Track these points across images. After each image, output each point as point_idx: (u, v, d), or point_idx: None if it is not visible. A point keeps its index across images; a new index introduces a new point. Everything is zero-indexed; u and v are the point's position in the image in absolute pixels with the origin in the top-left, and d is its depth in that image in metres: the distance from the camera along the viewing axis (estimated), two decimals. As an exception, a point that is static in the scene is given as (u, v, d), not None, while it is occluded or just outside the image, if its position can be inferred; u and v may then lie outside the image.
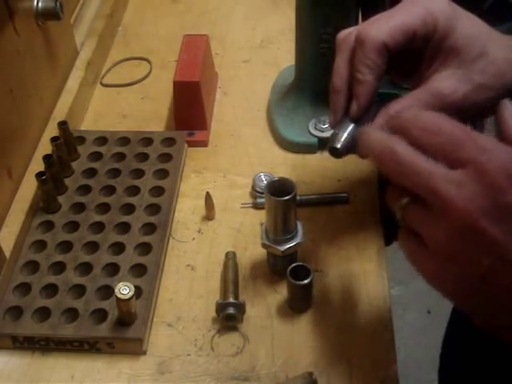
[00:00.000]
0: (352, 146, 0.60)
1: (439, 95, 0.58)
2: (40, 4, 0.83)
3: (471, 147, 0.45)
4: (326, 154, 0.84)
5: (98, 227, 0.73)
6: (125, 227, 0.73)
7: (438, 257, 0.46)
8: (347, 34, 0.60)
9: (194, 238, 0.75)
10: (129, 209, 0.75)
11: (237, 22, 1.07)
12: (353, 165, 0.82)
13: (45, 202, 0.75)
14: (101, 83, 0.97)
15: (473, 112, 0.60)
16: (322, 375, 0.62)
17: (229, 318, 0.65)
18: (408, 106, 0.58)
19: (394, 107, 0.59)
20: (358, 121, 0.60)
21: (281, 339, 0.65)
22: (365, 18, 0.83)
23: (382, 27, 0.57)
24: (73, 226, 0.74)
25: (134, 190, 0.77)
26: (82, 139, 0.83)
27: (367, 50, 0.57)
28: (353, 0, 0.79)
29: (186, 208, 0.78)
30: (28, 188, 0.77)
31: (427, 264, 0.47)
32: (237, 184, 0.81)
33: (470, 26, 0.59)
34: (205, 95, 0.85)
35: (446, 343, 0.88)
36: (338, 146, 0.60)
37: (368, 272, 0.70)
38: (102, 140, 0.84)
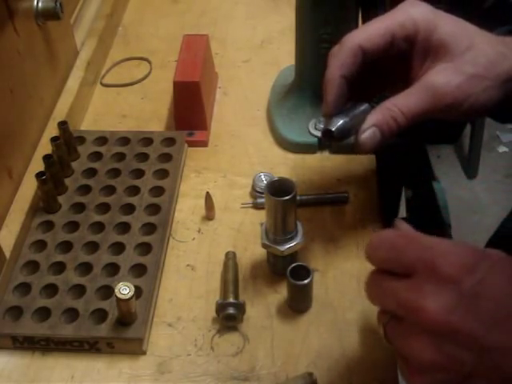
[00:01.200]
0: (345, 135, 0.61)
1: (433, 88, 0.59)
2: (40, 4, 0.83)
3: (414, 249, 0.46)
4: (325, 154, 0.84)
5: (98, 227, 0.73)
6: (125, 227, 0.73)
7: (420, 370, 0.45)
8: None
9: (194, 238, 0.75)
10: (129, 209, 0.75)
11: (237, 22, 1.07)
12: (353, 165, 0.82)
13: (45, 202, 0.75)
14: (101, 83, 0.97)
15: (471, 106, 0.60)
16: (322, 375, 0.61)
17: (229, 318, 0.65)
18: (404, 101, 0.60)
19: (392, 102, 0.60)
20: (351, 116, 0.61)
21: (281, 339, 0.65)
22: (365, 18, 0.83)
23: (361, 32, 0.61)
24: (73, 226, 0.73)
25: (134, 190, 0.77)
26: (82, 139, 0.83)
27: (342, 50, 0.61)
28: (353, 0, 0.79)
29: (186, 208, 0.78)
30: (28, 188, 0.77)
31: (415, 380, 0.46)
32: (237, 184, 0.81)
33: (453, 24, 0.61)
34: (205, 95, 0.85)
35: None
36: (333, 128, 0.60)
37: (368, 272, 0.70)
38: (102, 140, 0.84)
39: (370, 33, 0.61)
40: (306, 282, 0.65)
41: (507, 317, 0.43)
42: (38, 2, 0.83)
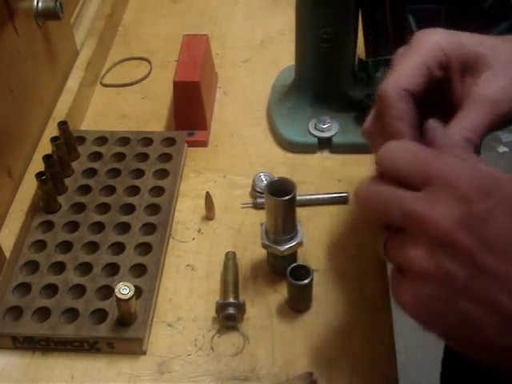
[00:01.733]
0: None
1: (485, 98, 0.57)
2: (40, 4, 0.83)
3: (435, 164, 0.46)
4: (325, 154, 0.84)
5: (98, 227, 0.73)
6: (125, 227, 0.73)
7: (413, 280, 0.45)
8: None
9: (194, 238, 0.75)
10: (129, 209, 0.75)
11: (237, 22, 1.07)
12: (353, 165, 0.82)
13: (45, 202, 0.75)
14: (101, 83, 0.97)
15: None
16: (322, 375, 0.62)
17: (229, 318, 0.65)
18: (468, 120, 0.57)
19: (460, 126, 0.57)
20: None
21: (281, 339, 0.65)
22: (365, 18, 0.83)
23: (395, 78, 0.57)
24: (73, 226, 0.73)
25: (134, 190, 0.77)
26: (82, 139, 0.83)
27: (390, 102, 0.56)
28: (353, 0, 0.79)
29: (186, 208, 0.78)
30: (28, 188, 0.77)
31: (404, 291, 0.46)
32: (237, 184, 0.81)
33: (475, 37, 0.59)
34: (205, 95, 0.85)
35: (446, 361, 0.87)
36: None
37: (368, 272, 0.70)
38: (102, 140, 0.84)
39: (406, 74, 0.56)
40: (306, 282, 0.65)
41: (509, 245, 0.43)
42: (37, 2, 0.83)
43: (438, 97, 0.60)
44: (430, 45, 0.58)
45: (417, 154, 0.47)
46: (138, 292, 0.66)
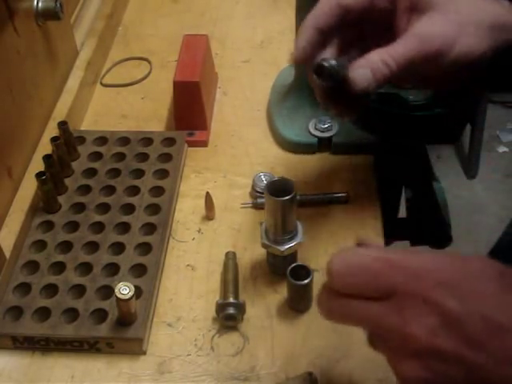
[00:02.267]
0: (335, 73, 0.59)
1: (419, 35, 0.59)
2: (40, 4, 0.83)
3: (391, 272, 0.45)
4: (325, 154, 0.84)
5: (98, 227, 0.73)
6: (125, 227, 0.73)
7: None
8: None
9: (194, 238, 0.75)
10: (129, 209, 0.75)
11: (237, 22, 1.07)
12: (353, 165, 0.82)
13: (45, 202, 0.74)
14: (101, 83, 0.97)
15: (460, 54, 0.59)
16: (322, 375, 0.62)
17: (229, 318, 0.65)
18: (392, 47, 0.59)
19: (381, 49, 0.59)
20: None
21: (281, 339, 0.65)
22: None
23: None
24: (73, 226, 0.73)
25: (134, 190, 0.77)
26: (82, 139, 0.83)
27: (318, 4, 0.61)
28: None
29: (186, 208, 0.78)
30: (28, 188, 0.77)
31: None
32: (237, 184, 0.81)
33: None
34: (205, 95, 0.85)
35: None
36: (325, 63, 0.58)
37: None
38: (102, 140, 0.84)
39: None
40: (305, 281, 0.65)
41: (493, 333, 0.42)
42: (38, 2, 0.83)
43: (380, 25, 0.63)
44: None
45: (367, 268, 0.45)
46: (138, 292, 0.66)
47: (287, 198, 0.63)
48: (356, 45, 0.65)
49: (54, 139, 0.77)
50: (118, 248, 0.71)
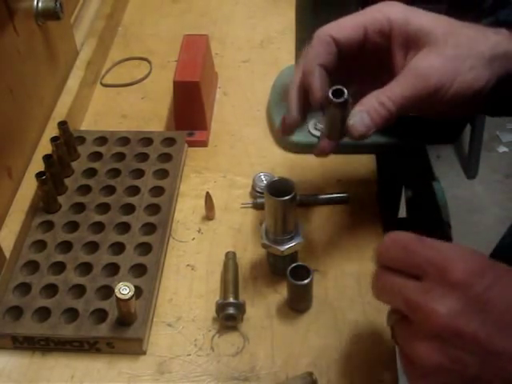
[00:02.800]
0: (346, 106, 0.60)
1: (416, 72, 0.59)
2: (40, 4, 0.83)
3: (426, 252, 0.47)
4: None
5: (98, 227, 0.73)
6: (125, 227, 0.73)
7: (425, 373, 0.45)
8: None
9: (194, 238, 0.75)
10: (129, 209, 0.75)
11: (237, 21, 1.07)
12: (353, 165, 0.82)
13: (45, 202, 0.74)
14: (101, 83, 0.97)
15: (460, 89, 0.59)
16: (322, 375, 0.62)
17: (229, 318, 0.65)
18: (389, 88, 0.59)
19: (378, 90, 0.60)
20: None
21: (281, 339, 0.65)
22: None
23: (332, 24, 0.63)
24: (73, 226, 0.73)
25: (134, 190, 0.77)
26: (81, 139, 0.83)
27: (315, 41, 0.62)
28: (353, 0, 0.79)
29: (186, 208, 0.78)
30: (28, 188, 0.77)
31: (418, 383, 0.47)
32: (237, 184, 0.81)
33: (428, 15, 0.61)
34: (205, 95, 0.84)
35: None
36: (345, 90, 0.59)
37: (368, 272, 0.70)
38: (102, 140, 0.84)
39: (341, 25, 0.62)
40: (305, 282, 0.65)
41: None
42: (37, 2, 0.83)
43: (376, 61, 0.64)
44: (379, 13, 0.62)
45: (406, 244, 0.48)
46: (138, 292, 0.66)
47: (287, 198, 0.63)
48: (352, 83, 0.65)
49: (53, 139, 0.77)
50: (118, 248, 0.71)
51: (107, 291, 0.66)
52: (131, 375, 0.63)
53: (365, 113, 0.59)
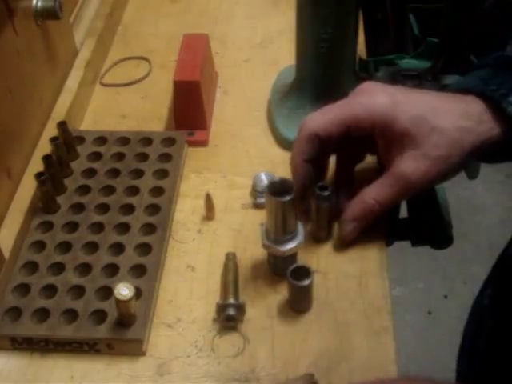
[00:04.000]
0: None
1: (403, 178, 0.65)
2: (39, 4, 0.83)
3: None
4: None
5: (98, 227, 0.73)
6: (125, 227, 0.73)
7: None
8: None
9: (194, 239, 0.75)
10: (129, 209, 0.75)
11: (237, 21, 1.07)
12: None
13: (44, 203, 0.74)
14: (100, 83, 0.97)
15: (444, 178, 0.67)
16: (323, 376, 0.61)
17: (229, 318, 0.65)
18: (378, 192, 0.66)
19: (368, 194, 0.67)
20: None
21: (281, 340, 0.65)
22: (365, 18, 0.83)
23: (318, 119, 0.68)
24: (72, 227, 0.73)
25: (134, 190, 0.77)
26: (81, 139, 0.83)
27: (300, 137, 0.68)
28: (353, 0, 0.78)
29: (186, 208, 0.78)
30: (27, 188, 0.77)
31: None
32: (237, 184, 0.80)
33: (412, 109, 0.65)
34: (205, 95, 0.84)
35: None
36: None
37: (369, 272, 0.70)
38: (102, 140, 0.83)
39: (325, 121, 0.67)
40: (306, 282, 0.64)
41: None
42: (37, 2, 0.83)
43: (360, 143, 0.70)
44: (361, 107, 0.66)
45: None
46: (138, 293, 0.66)
47: (288, 198, 0.62)
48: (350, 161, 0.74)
49: (53, 139, 0.76)
50: (118, 248, 0.71)
51: (107, 292, 0.66)
52: (131, 376, 0.63)
53: (357, 223, 0.68)
